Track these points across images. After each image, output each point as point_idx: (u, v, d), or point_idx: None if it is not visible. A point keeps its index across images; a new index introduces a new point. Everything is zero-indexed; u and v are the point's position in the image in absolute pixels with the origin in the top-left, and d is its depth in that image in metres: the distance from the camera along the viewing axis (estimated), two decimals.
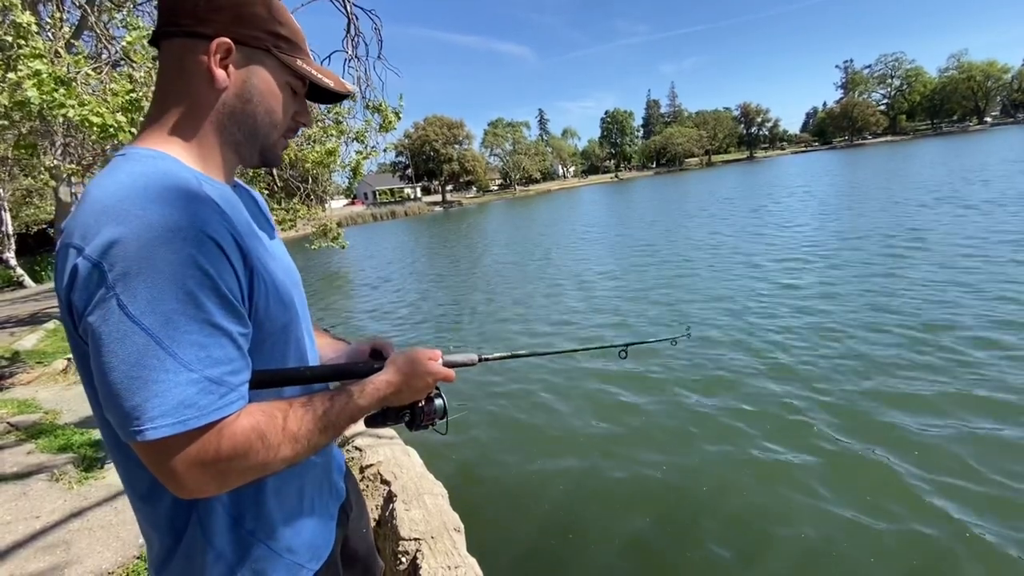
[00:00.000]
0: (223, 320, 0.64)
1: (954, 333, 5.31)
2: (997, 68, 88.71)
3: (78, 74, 4.50)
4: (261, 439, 0.66)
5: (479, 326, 8.68)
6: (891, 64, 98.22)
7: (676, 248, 13.18)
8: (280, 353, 0.80)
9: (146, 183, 0.64)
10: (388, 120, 6.71)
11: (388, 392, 0.82)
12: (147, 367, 0.58)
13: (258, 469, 0.67)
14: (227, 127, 0.76)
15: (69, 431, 3.85)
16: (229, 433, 0.63)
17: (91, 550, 2.18)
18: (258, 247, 0.75)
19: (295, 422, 0.70)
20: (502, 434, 4.55)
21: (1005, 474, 3.17)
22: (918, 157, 35.72)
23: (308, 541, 0.84)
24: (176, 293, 0.60)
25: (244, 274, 0.69)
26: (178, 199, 0.64)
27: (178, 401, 0.59)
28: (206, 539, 0.73)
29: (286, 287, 0.80)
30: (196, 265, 0.61)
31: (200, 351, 0.61)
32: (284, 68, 0.78)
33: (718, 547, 2.94)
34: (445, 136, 72.57)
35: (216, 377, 0.63)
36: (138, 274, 0.58)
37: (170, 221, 0.61)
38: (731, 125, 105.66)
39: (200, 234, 0.62)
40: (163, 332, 0.59)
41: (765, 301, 7.48)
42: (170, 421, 0.59)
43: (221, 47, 0.72)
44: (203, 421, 0.61)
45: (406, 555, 2.23)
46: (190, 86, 0.73)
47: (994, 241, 8.75)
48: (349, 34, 5.80)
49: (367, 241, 30.61)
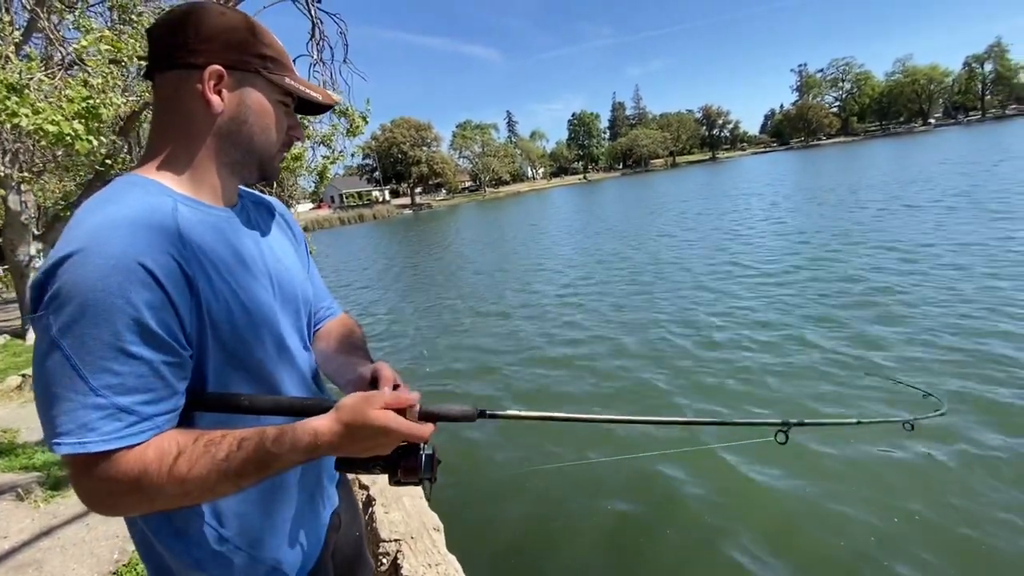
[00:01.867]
0: (144, 349, 0.65)
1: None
2: (939, 72, 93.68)
3: (30, 80, 4.35)
4: (143, 475, 0.65)
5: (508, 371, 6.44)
6: (842, 68, 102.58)
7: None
8: (255, 374, 0.80)
9: (107, 211, 0.68)
10: (355, 124, 6.68)
11: (319, 442, 0.69)
12: (61, 386, 0.62)
13: (145, 503, 0.67)
14: (224, 149, 0.80)
15: (30, 450, 3.71)
16: (116, 462, 0.64)
17: (65, 568, 2.15)
18: (233, 271, 0.77)
19: (187, 463, 0.66)
20: (480, 433, 4.62)
21: None
22: (881, 158, 36.97)
23: (294, 550, 0.85)
24: (96, 320, 0.62)
25: (187, 302, 0.70)
26: (127, 228, 0.67)
27: (81, 423, 0.62)
28: (183, 547, 0.75)
29: (263, 310, 0.80)
30: (121, 295, 0.63)
31: (112, 378, 0.63)
32: (274, 87, 0.82)
33: (692, 540, 3.07)
34: (413, 138, 71.92)
35: (125, 406, 0.64)
36: (67, 297, 0.62)
37: (106, 249, 0.64)
38: (694, 127, 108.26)
39: (132, 263, 0.64)
40: (78, 355, 0.62)
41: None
42: (72, 440, 0.62)
43: (213, 74, 0.76)
44: (101, 448, 0.62)
45: (387, 556, 2.28)
46: (186, 115, 0.77)
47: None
48: (314, 38, 5.75)
49: (335, 247, 30.08)
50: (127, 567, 2.18)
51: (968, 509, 2.98)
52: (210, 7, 0.78)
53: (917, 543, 2.80)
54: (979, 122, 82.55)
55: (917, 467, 3.39)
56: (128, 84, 6.72)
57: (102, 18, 6.53)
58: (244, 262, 0.81)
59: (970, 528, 2.85)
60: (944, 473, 3.31)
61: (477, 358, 6.88)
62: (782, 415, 0.95)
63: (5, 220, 8.40)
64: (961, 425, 3.68)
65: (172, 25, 0.77)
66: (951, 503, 3.05)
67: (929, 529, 2.90)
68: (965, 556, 2.69)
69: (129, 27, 5.96)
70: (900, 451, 3.54)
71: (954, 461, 3.38)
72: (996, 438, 3.53)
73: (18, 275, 8.52)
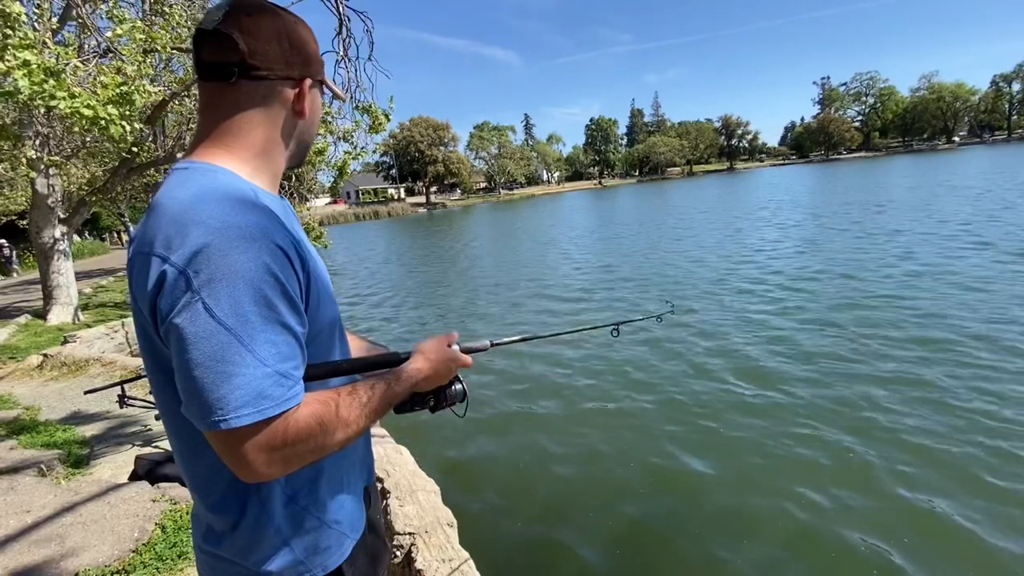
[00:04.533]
0: (290, 320, 0.72)
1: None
2: (965, 90, 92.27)
3: (67, 65, 4.45)
4: (320, 425, 0.74)
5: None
6: (866, 82, 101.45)
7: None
8: (327, 347, 0.89)
9: (217, 195, 0.72)
10: (378, 121, 6.74)
11: (419, 378, 0.91)
12: (230, 362, 0.66)
13: (317, 452, 0.75)
14: (291, 146, 0.88)
15: (52, 427, 3.79)
16: (294, 421, 0.71)
17: (86, 543, 2.18)
18: (311, 252, 0.83)
19: (346, 409, 0.78)
20: (492, 430, 4.63)
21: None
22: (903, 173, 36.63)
23: (349, 515, 0.93)
24: (254, 296, 0.67)
25: (303, 278, 0.77)
26: (248, 210, 0.72)
27: (256, 392, 0.67)
28: (268, 515, 0.82)
29: (330, 288, 0.90)
30: (269, 271, 0.69)
31: (272, 348, 0.69)
32: (322, 88, 0.90)
33: (706, 538, 3.06)
34: (431, 137, 72.32)
35: (285, 371, 0.70)
36: (220, 280, 0.66)
37: (245, 231, 0.69)
38: (712, 136, 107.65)
39: (271, 242, 0.70)
40: (243, 331, 0.66)
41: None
42: (251, 411, 0.66)
43: (305, 86, 0.84)
44: (277, 411, 0.68)
45: (401, 549, 2.29)
46: (272, 118, 0.84)
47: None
48: (340, 35, 5.82)
49: (351, 241, 30.34)
50: (147, 546, 2.21)
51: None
52: (290, 18, 0.85)
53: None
54: (1005, 142, 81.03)
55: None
56: (157, 74, 6.86)
57: (134, 8, 6.68)
58: (310, 247, 0.88)
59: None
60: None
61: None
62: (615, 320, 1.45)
63: (32, 202, 8.58)
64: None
65: (265, 35, 0.80)
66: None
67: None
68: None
69: (161, 18, 6.08)
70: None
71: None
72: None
73: (42, 256, 8.70)
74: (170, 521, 2.39)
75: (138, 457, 3.04)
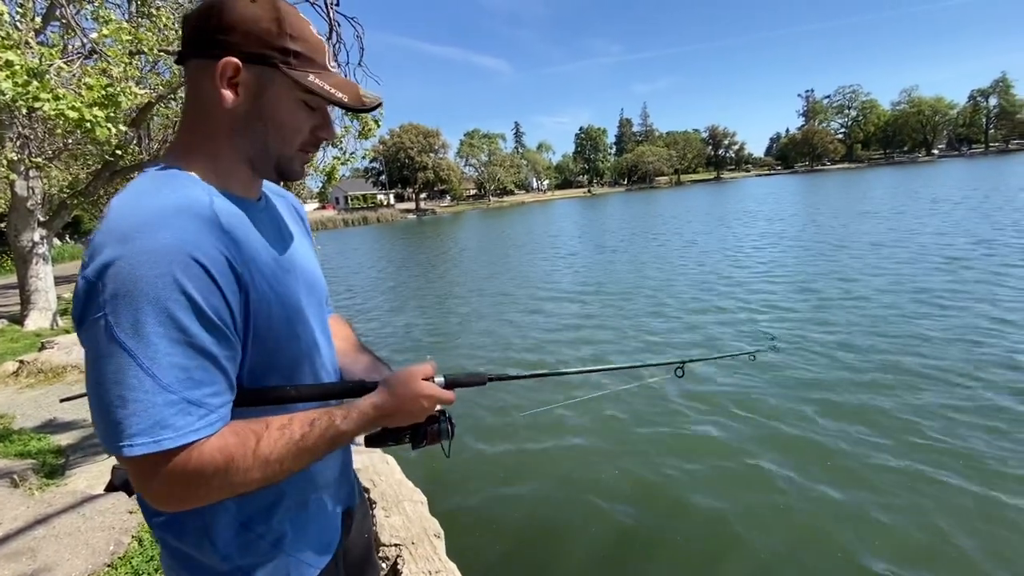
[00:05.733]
0: (207, 343, 0.65)
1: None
2: (944, 104, 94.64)
3: (50, 66, 4.37)
4: (228, 462, 0.66)
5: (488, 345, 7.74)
6: (848, 95, 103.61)
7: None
8: (290, 369, 0.81)
9: (149, 205, 0.67)
10: (367, 127, 6.71)
11: (376, 415, 0.78)
12: (127, 387, 0.61)
13: (227, 490, 0.68)
14: (240, 144, 0.77)
15: (26, 436, 3.67)
16: (198, 454, 0.64)
17: (59, 557, 2.11)
18: (267, 264, 0.77)
19: (268, 446, 0.69)
20: (481, 441, 4.58)
21: None
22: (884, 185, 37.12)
23: (314, 543, 0.86)
24: (158, 316, 0.61)
25: (236, 297, 0.70)
26: (174, 221, 0.65)
27: (154, 421, 0.61)
28: (210, 541, 0.76)
29: (297, 304, 0.81)
30: (179, 288, 0.62)
31: (181, 373, 0.63)
32: (296, 84, 0.75)
33: (691, 550, 3.05)
34: (421, 144, 72.29)
35: (195, 399, 0.64)
36: (124, 296, 0.61)
37: (159, 244, 0.63)
38: (700, 146, 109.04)
39: (186, 257, 0.64)
40: (144, 353, 0.61)
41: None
42: (146, 440, 0.61)
43: (228, 67, 0.72)
44: (178, 443, 0.62)
45: (387, 560, 2.25)
46: (204, 106, 0.75)
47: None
48: (330, 41, 5.81)
49: (341, 247, 30.11)
50: (122, 559, 2.14)
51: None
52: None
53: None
54: (982, 155, 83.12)
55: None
56: (143, 76, 6.77)
57: (120, 9, 6.60)
58: (277, 256, 0.80)
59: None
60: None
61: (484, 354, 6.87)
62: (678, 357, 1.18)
63: (11, 205, 8.41)
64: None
65: (202, 12, 0.74)
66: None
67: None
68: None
69: (147, 20, 6.02)
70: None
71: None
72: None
73: (21, 260, 8.51)
74: (148, 533, 2.32)
75: (115, 467, 2.92)
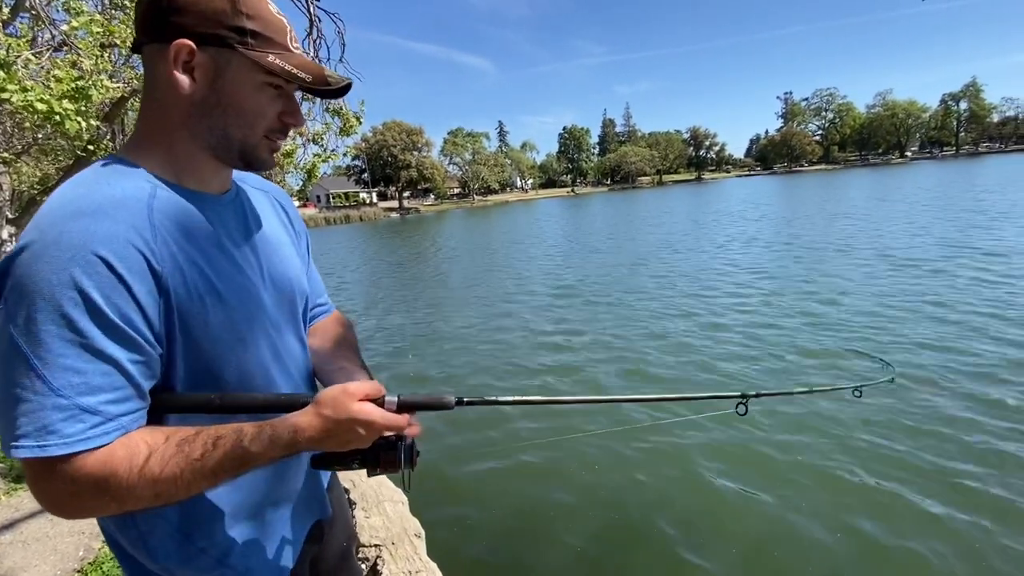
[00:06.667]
0: (107, 346, 0.61)
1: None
2: (917, 107, 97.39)
3: (18, 57, 4.24)
4: (111, 478, 0.61)
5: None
6: (825, 98, 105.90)
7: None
8: (239, 372, 0.75)
9: (72, 198, 0.64)
10: (349, 124, 6.64)
11: (294, 439, 0.67)
12: (18, 386, 0.58)
13: (114, 505, 0.63)
14: (199, 131, 0.73)
15: None
16: (80, 465, 0.60)
17: (27, 563, 2.05)
18: (215, 264, 0.72)
19: (159, 463, 0.62)
20: (462, 439, 4.57)
21: None
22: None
23: (267, 559, 0.81)
24: (52, 315, 0.58)
25: (153, 298, 0.65)
26: (89, 217, 0.62)
27: (41, 425, 0.58)
28: (147, 550, 0.72)
29: (248, 307, 0.76)
30: (76, 287, 0.58)
31: (75, 377, 0.59)
32: (255, 66, 0.71)
33: (671, 545, 3.08)
34: (404, 142, 71.78)
35: (89, 406, 0.60)
36: (22, 291, 0.58)
37: (64, 240, 0.59)
38: (681, 147, 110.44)
39: (89, 254, 0.59)
40: (36, 354, 0.58)
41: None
42: (31, 443, 0.58)
43: (182, 50, 0.68)
44: (64, 451, 0.58)
45: (366, 561, 2.23)
46: (160, 93, 0.71)
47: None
48: (311, 36, 5.73)
49: (322, 247, 29.74)
50: (92, 565, 2.09)
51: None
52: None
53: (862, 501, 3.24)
54: (953, 157, 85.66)
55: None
56: (117, 69, 6.61)
57: (91, 1, 6.43)
58: (228, 253, 0.76)
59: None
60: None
61: (463, 359, 6.85)
62: (741, 388, 0.94)
63: None
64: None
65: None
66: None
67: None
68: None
69: (121, 12, 5.87)
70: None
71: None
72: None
73: None
74: None
75: None
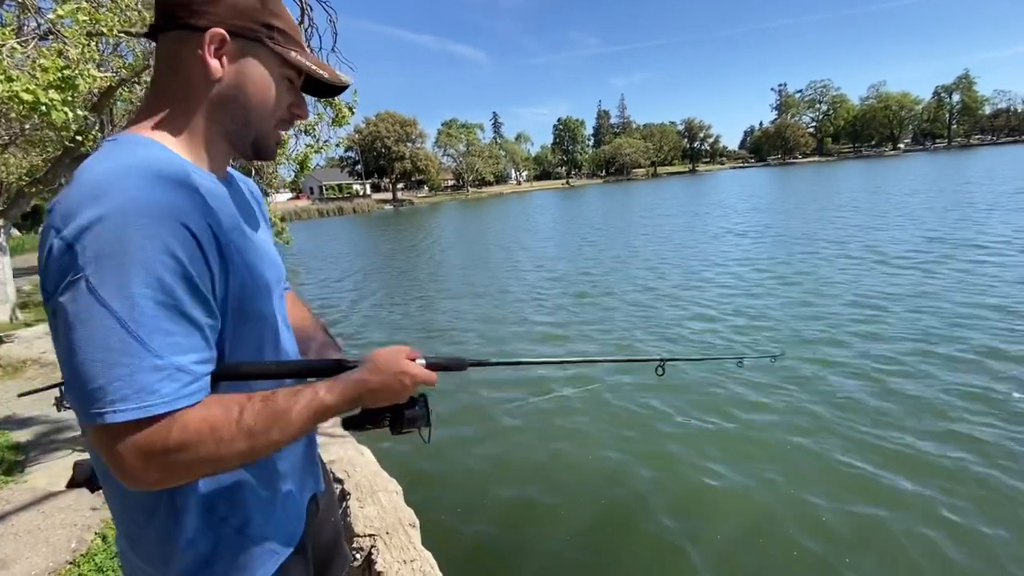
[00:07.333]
0: (193, 310, 0.64)
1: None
2: (910, 100, 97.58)
3: (3, 46, 4.16)
4: (212, 432, 0.64)
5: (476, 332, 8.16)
6: (819, 90, 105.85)
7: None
8: (256, 347, 0.80)
9: (130, 168, 0.65)
10: (341, 114, 6.57)
11: (360, 391, 0.76)
12: (112, 350, 0.58)
13: (209, 464, 0.66)
14: (220, 117, 0.77)
15: None
16: (181, 424, 0.62)
17: (18, 555, 2.04)
18: (241, 241, 0.77)
19: (251, 416, 0.66)
20: (457, 430, 4.59)
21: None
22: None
23: (281, 528, 0.85)
24: (147, 279, 0.59)
25: (219, 267, 0.69)
26: (160, 186, 0.64)
27: (141, 386, 0.59)
28: (178, 525, 0.73)
29: (266, 283, 0.82)
30: (169, 253, 0.61)
31: (167, 338, 0.61)
32: (278, 59, 0.78)
33: (663, 535, 3.12)
34: (397, 133, 71.21)
35: (182, 365, 0.62)
36: (110, 257, 0.58)
37: (147, 207, 0.61)
38: (676, 139, 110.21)
39: (175, 223, 0.63)
40: (130, 316, 0.58)
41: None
42: (132, 406, 0.58)
43: (215, 38, 0.73)
44: (165, 409, 0.60)
45: (361, 551, 2.24)
46: (185, 77, 0.75)
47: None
48: (302, 25, 5.65)
49: (315, 238, 29.57)
50: (85, 556, 2.08)
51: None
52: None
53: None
54: (945, 150, 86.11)
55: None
56: (104, 59, 6.50)
57: None
58: (248, 236, 0.80)
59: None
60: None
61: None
62: (660, 354, 1.16)
63: None
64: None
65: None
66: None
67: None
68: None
69: (109, 0, 5.77)
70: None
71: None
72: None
73: None
74: (112, 530, 2.26)
75: (77, 463, 2.84)
